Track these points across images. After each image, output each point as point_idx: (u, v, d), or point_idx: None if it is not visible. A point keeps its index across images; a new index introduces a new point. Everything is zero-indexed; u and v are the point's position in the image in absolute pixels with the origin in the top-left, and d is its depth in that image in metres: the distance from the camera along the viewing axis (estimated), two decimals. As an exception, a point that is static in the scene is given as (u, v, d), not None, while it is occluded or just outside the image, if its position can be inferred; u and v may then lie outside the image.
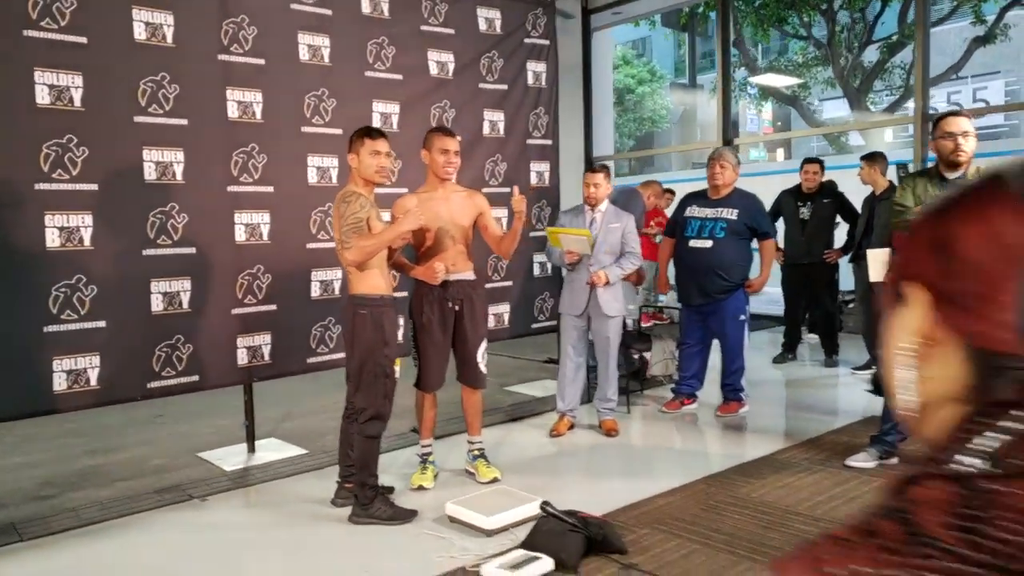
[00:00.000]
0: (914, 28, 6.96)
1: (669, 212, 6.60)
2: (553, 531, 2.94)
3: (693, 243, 4.91)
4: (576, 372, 4.71)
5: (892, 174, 5.98)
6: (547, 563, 2.81)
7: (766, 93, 16.36)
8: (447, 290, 3.72)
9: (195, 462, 4.31)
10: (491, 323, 5.51)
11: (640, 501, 3.51)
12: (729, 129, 9.48)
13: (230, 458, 4.33)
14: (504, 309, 5.54)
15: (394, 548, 3.15)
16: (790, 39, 14.90)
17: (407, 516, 3.36)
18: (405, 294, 4.24)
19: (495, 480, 3.80)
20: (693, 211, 4.99)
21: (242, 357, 4.26)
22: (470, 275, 3.82)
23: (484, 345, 3.87)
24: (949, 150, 3.41)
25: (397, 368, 3.40)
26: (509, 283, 5.53)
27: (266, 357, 4.33)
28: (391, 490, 3.69)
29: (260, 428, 4.78)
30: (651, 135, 25.23)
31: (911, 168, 5.96)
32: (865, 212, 5.91)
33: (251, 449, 4.41)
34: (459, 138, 3.88)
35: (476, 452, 3.94)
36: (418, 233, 3.74)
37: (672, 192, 8.31)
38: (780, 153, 22.40)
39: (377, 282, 3.33)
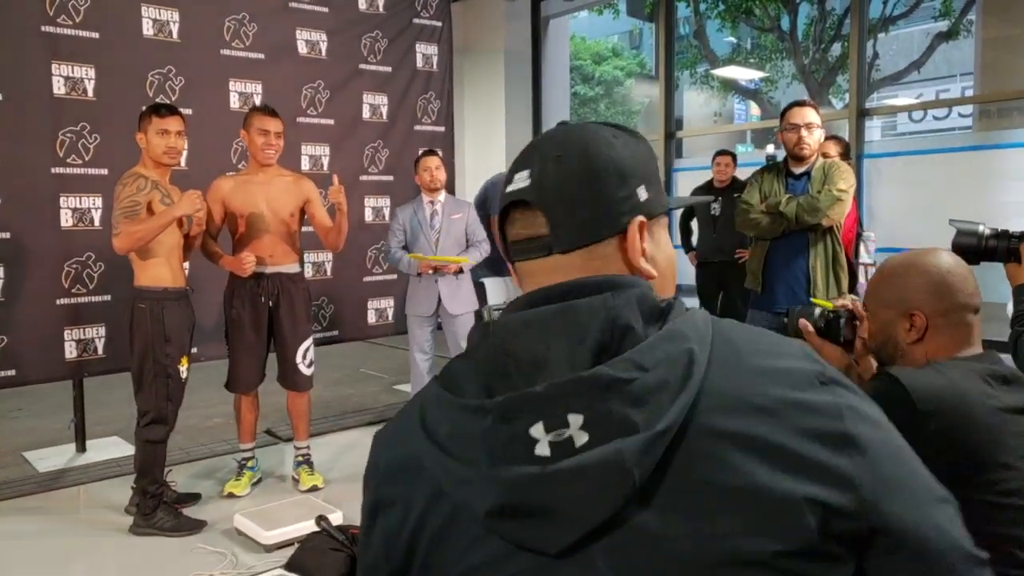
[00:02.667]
0: (874, 23, 6.66)
1: None
2: (317, 549, 2.68)
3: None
4: (428, 377, 4.45)
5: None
6: (296, 585, 2.56)
7: (727, 86, 16.01)
8: (260, 283, 3.44)
9: (16, 462, 4.05)
10: (372, 318, 5.25)
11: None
12: (672, 122, 9.22)
13: (53, 458, 4.07)
14: (387, 304, 5.27)
15: (161, 562, 2.89)
16: (757, 31, 14.58)
17: (194, 527, 3.10)
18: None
19: (314, 488, 3.54)
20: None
21: (71, 350, 4.00)
22: (291, 268, 3.55)
23: (306, 345, 3.59)
24: (792, 142, 3.14)
25: (183, 368, 3.12)
26: (393, 276, 5.26)
27: (100, 351, 4.07)
28: (197, 498, 3.43)
29: (112, 425, 4.53)
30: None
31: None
32: None
33: (80, 449, 4.15)
34: (284, 118, 3.59)
35: (300, 459, 3.68)
36: (232, 219, 3.48)
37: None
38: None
39: (159, 273, 3.06)
